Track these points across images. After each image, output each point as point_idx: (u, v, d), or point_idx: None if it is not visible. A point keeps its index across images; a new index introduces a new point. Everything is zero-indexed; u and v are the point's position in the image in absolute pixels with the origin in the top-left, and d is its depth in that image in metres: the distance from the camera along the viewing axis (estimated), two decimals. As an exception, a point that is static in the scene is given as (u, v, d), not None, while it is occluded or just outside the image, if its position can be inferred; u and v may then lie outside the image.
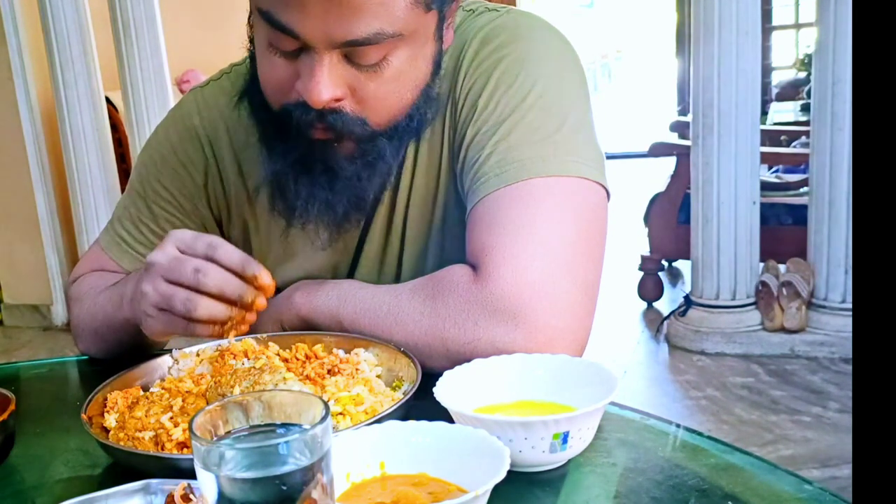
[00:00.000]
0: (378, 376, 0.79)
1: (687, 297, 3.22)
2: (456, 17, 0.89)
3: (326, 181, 0.85)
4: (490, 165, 0.85)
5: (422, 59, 0.83)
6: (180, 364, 0.83)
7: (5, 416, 0.70)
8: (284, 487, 0.43)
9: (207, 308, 0.77)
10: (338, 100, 0.79)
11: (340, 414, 0.71)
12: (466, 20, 0.93)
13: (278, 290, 0.98)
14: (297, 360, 0.79)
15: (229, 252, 0.78)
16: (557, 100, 0.87)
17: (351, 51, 0.78)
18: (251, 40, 0.86)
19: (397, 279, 0.97)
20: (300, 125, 0.81)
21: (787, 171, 4.21)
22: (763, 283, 3.05)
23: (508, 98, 0.86)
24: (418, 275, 0.88)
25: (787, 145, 4.26)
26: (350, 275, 1.00)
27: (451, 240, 0.94)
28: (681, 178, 3.53)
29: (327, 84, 0.78)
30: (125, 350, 0.96)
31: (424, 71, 0.84)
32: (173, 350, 0.84)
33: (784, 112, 5.65)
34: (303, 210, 0.86)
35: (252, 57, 0.87)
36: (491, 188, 0.84)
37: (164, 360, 0.84)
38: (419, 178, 0.94)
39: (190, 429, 0.45)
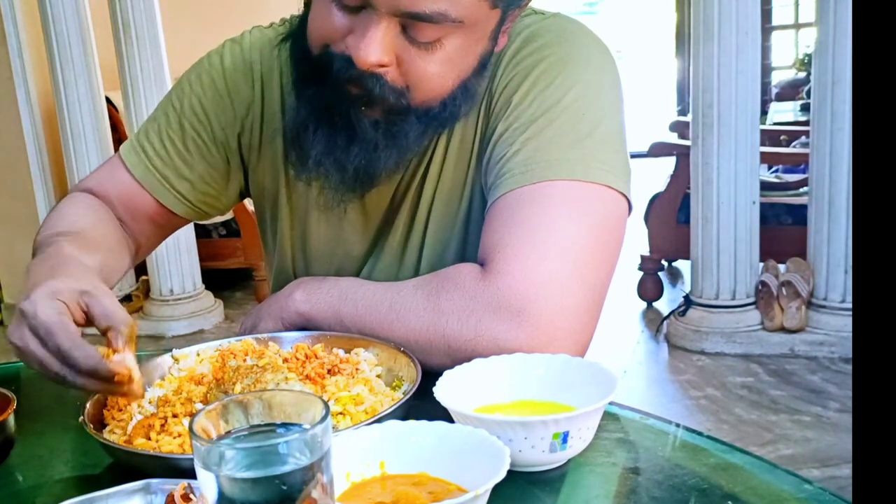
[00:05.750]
0: (378, 376, 0.79)
1: (687, 297, 3.22)
2: None
3: (344, 140, 0.85)
4: (516, 162, 0.85)
5: (472, 52, 0.84)
6: (180, 364, 0.83)
7: (5, 416, 0.70)
8: (284, 487, 0.43)
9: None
10: (383, 65, 0.80)
11: (340, 414, 0.71)
12: None
13: (283, 283, 0.98)
14: (298, 359, 0.79)
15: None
16: (593, 106, 0.87)
17: (409, 23, 0.78)
18: None
19: (416, 273, 0.96)
20: (338, 77, 0.81)
21: (786, 171, 4.21)
22: (763, 283, 3.05)
23: (544, 98, 0.87)
24: (437, 269, 0.87)
25: (787, 145, 4.26)
26: (370, 264, 1.00)
27: (473, 235, 0.93)
28: (680, 177, 3.52)
29: (377, 48, 0.78)
30: None
31: (471, 64, 0.85)
32: (173, 350, 0.84)
33: (784, 112, 5.65)
34: (315, 162, 0.86)
35: (308, 3, 0.86)
36: (514, 185, 0.84)
37: (165, 360, 0.84)
38: (447, 170, 0.94)
39: (190, 429, 0.45)
